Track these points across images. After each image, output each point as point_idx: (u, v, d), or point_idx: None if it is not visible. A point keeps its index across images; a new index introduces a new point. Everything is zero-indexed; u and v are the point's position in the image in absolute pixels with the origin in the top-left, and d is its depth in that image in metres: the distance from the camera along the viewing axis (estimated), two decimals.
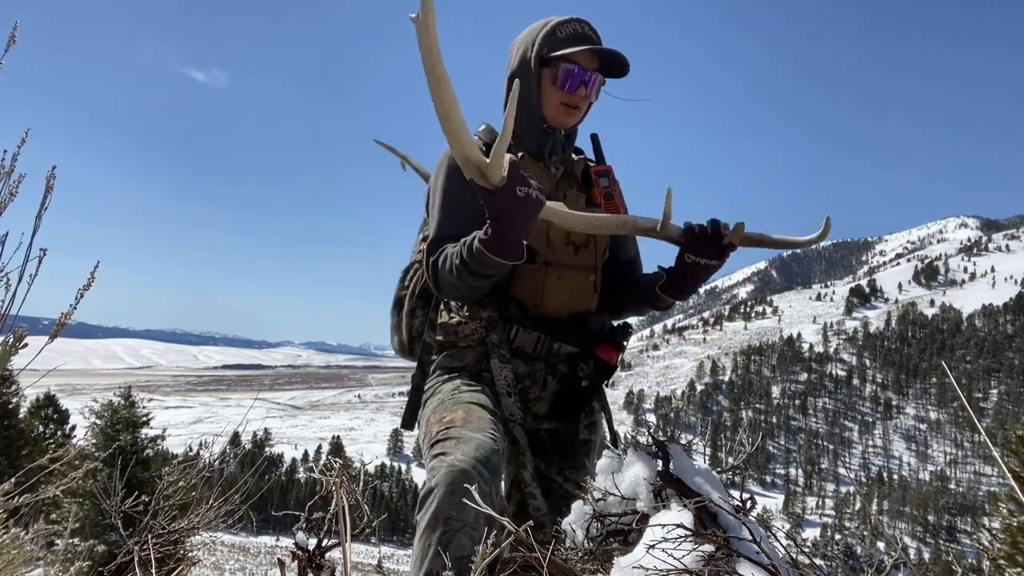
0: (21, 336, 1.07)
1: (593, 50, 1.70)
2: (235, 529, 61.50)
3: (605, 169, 1.85)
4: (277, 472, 79.61)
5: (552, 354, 1.72)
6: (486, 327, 1.68)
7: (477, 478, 1.29)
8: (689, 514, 1.08)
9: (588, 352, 1.73)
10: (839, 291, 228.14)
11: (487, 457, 1.35)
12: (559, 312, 1.73)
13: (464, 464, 1.31)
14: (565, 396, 1.77)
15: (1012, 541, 5.59)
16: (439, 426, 1.48)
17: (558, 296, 1.72)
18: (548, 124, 1.75)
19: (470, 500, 1.19)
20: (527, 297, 1.70)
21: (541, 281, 1.70)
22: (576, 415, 1.79)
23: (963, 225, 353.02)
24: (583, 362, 1.73)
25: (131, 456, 8.15)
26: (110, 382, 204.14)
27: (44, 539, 3.74)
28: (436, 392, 1.67)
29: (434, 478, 1.31)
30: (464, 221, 1.59)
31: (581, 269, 1.74)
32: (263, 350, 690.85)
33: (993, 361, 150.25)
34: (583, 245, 1.75)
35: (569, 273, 1.72)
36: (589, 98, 1.74)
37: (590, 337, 1.75)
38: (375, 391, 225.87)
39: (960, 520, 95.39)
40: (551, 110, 1.74)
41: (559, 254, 1.72)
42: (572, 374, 1.74)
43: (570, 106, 1.72)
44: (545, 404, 1.77)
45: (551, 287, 1.70)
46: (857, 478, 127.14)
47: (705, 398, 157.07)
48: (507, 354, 1.68)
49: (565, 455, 1.78)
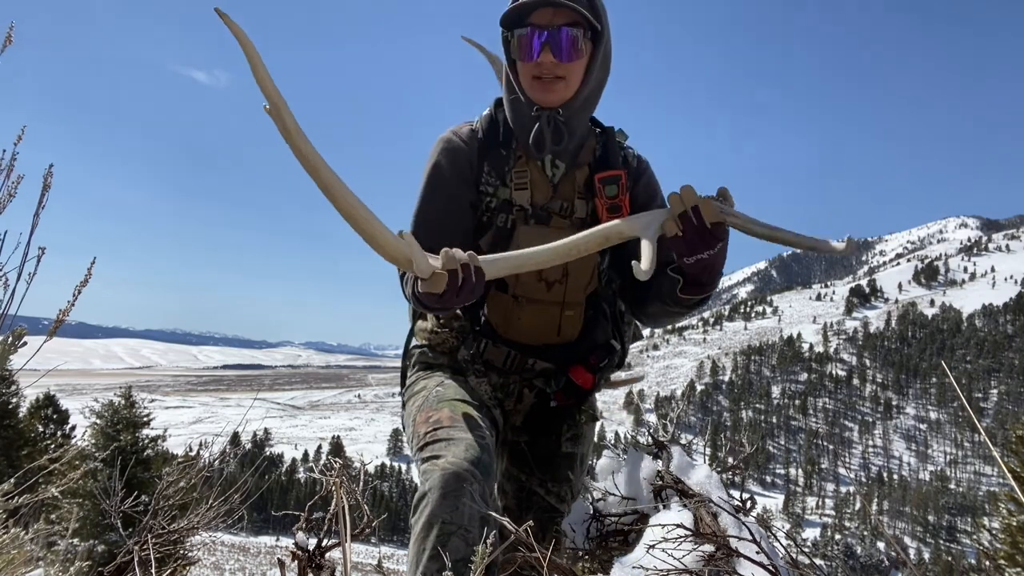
0: (20, 335, 1.06)
1: (546, 3, 1.43)
2: (235, 529, 61.43)
3: (615, 174, 1.55)
4: (277, 472, 79.55)
5: (526, 368, 1.67)
6: (457, 337, 1.66)
7: (470, 479, 1.28)
8: (689, 514, 1.08)
9: (561, 371, 1.67)
10: (839, 291, 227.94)
11: (478, 457, 1.33)
12: (527, 341, 1.65)
13: (456, 467, 1.29)
14: (542, 410, 1.72)
15: (1012, 541, 5.59)
16: (426, 427, 1.45)
17: (526, 327, 1.63)
18: (538, 105, 1.54)
19: (464, 503, 1.18)
20: (496, 321, 1.64)
21: (510, 311, 1.62)
22: (555, 429, 1.74)
23: (963, 225, 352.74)
24: (553, 380, 1.68)
25: (131, 456, 8.14)
26: (110, 382, 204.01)
27: (44, 539, 3.73)
28: (419, 389, 1.63)
29: (427, 482, 1.29)
30: (434, 232, 1.51)
31: (552, 304, 1.61)
32: (263, 350, 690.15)
33: (993, 361, 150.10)
34: (557, 281, 1.59)
35: (537, 308, 1.61)
36: (564, 60, 1.47)
37: (566, 356, 1.67)
38: (375, 391, 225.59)
39: (960, 520, 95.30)
40: (527, 87, 1.53)
41: (528, 290, 1.59)
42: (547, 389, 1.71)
43: (540, 78, 1.50)
44: (520, 416, 1.73)
45: (518, 319, 1.62)
46: (857, 478, 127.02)
47: (705, 398, 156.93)
48: (481, 368, 1.65)
49: (546, 468, 1.73)
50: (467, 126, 1.67)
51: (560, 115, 1.54)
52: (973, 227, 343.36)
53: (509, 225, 1.59)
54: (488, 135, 1.64)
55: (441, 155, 1.60)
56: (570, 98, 1.54)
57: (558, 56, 1.46)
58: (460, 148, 1.62)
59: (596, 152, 1.66)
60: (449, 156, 1.60)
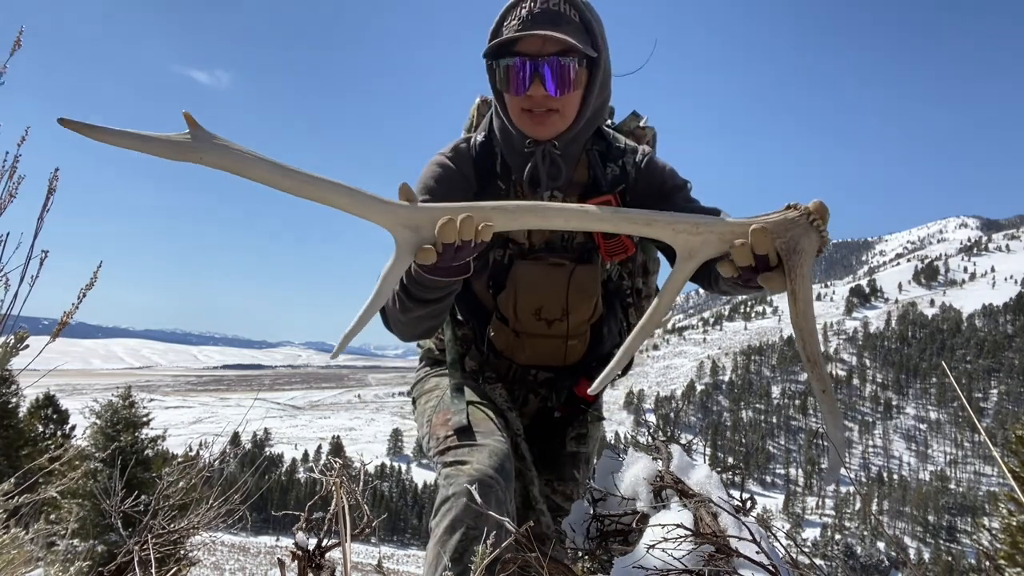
0: (23, 337, 1.08)
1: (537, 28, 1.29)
2: (235, 529, 61.47)
3: (604, 200, 1.48)
4: (277, 472, 79.62)
5: (529, 379, 1.68)
6: (462, 345, 1.66)
7: (495, 486, 1.28)
8: (689, 514, 1.07)
9: (563, 384, 1.68)
10: (839, 291, 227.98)
11: (501, 464, 1.33)
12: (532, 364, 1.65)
13: (482, 474, 1.29)
14: (546, 415, 1.73)
15: (1012, 541, 5.59)
16: (445, 429, 1.45)
17: (529, 355, 1.61)
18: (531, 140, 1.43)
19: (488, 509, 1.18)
20: (500, 347, 1.62)
21: (511, 343, 1.60)
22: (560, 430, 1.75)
23: (963, 225, 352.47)
24: (555, 392, 1.69)
25: (131, 456, 8.13)
26: (110, 382, 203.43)
27: (44, 539, 3.73)
28: (432, 387, 1.65)
29: (451, 486, 1.29)
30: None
31: (556, 339, 1.57)
32: (263, 350, 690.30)
33: (993, 361, 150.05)
34: (557, 320, 1.52)
35: (540, 342, 1.58)
36: (555, 93, 1.33)
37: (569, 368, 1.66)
38: (375, 391, 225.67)
39: (960, 520, 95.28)
40: (516, 121, 1.41)
41: (527, 327, 1.55)
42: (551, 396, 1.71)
43: (531, 111, 1.37)
44: (527, 419, 1.74)
45: (522, 350, 1.61)
46: (857, 478, 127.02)
47: (705, 398, 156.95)
48: (493, 375, 1.65)
49: (552, 468, 1.75)
50: (462, 149, 1.53)
51: (556, 148, 1.43)
52: (973, 227, 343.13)
53: (506, 261, 1.54)
54: (485, 164, 1.52)
55: (434, 181, 1.47)
56: (565, 130, 1.42)
57: (549, 89, 1.32)
58: (455, 177, 1.49)
59: (590, 173, 1.54)
60: (445, 184, 1.47)
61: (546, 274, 1.49)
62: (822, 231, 0.93)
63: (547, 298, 1.51)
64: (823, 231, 0.93)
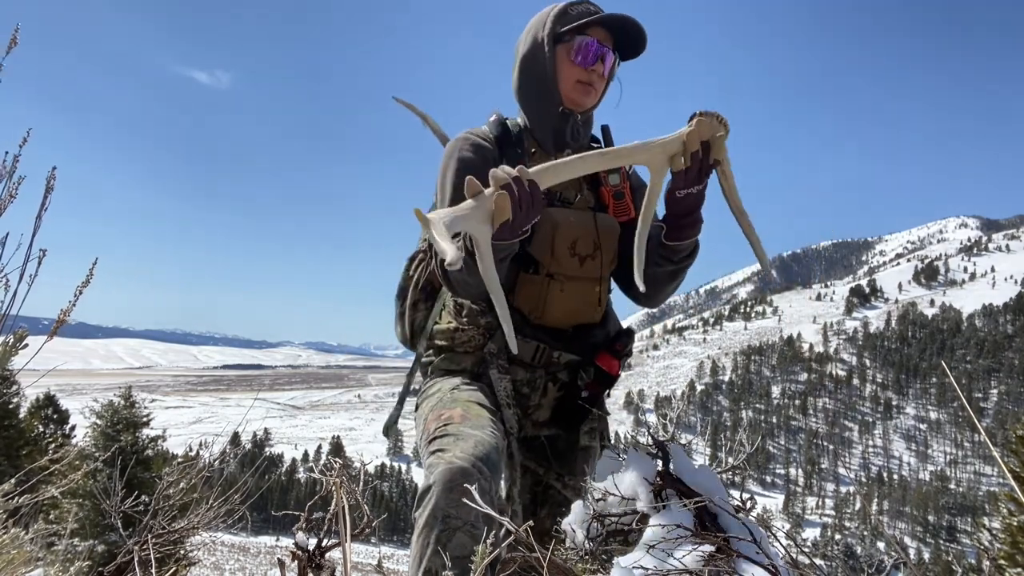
0: (22, 336, 1.07)
1: (608, 25, 1.63)
2: (235, 529, 61.43)
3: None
4: (277, 472, 79.62)
5: (552, 362, 1.68)
6: (484, 334, 1.65)
7: (477, 476, 1.27)
8: (689, 514, 1.07)
9: (588, 361, 1.69)
10: (839, 291, 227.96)
11: (487, 454, 1.32)
12: (561, 323, 1.67)
13: (463, 461, 1.28)
14: (566, 403, 1.73)
15: (1012, 541, 5.59)
16: (437, 423, 1.45)
17: (560, 308, 1.65)
18: (565, 106, 1.67)
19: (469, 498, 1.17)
20: (528, 307, 1.64)
21: (543, 292, 1.63)
22: (577, 423, 1.75)
23: (963, 225, 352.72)
24: (583, 371, 1.69)
25: (131, 456, 8.13)
26: (110, 382, 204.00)
27: (44, 539, 3.73)
28: (434, 391, 1.63)
29: (432, 475, 1.28)
30: None
31: (586, 280, 1.65)
32: (263, 350, 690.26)
33: (993, 361, 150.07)
34: (589, 256, 1.65)
35: (573, 285, 1.64)
36: (605, 75, 1.67)
37: (591, 346, 1.70)
38: (375, 391, 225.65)
39: (960, 520, 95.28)
40: (567, 89, 1.65)
41: (563, 266, 1.63)
42: (573, 381, 1.71)
43: (587, 83, 1.65)
44: (546, 411, 1.73)
45: (553, 299, 1.63)
46: (857, 478, 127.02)
47: (705, 398, 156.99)
48: (505, 364, 1.64)
49: (564, 461, 1.74)
50: (481, 128, 1.73)
51: (579, 119, 1.71)
52: (973, 227, 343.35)
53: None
54: (502, 136, 1.72)
55: (466, 150, 1.65)
56: (591, 107, 1.72)
57: (605, 73, 1.65)
58: (482, 144, 1.68)
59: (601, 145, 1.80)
60: (475, 150, 1.65)
61: (576, 214, 1.67)
62: (723, 121, 1.31)
63: (581, 232, 1.64)
64: (724, 120, 1.31)
